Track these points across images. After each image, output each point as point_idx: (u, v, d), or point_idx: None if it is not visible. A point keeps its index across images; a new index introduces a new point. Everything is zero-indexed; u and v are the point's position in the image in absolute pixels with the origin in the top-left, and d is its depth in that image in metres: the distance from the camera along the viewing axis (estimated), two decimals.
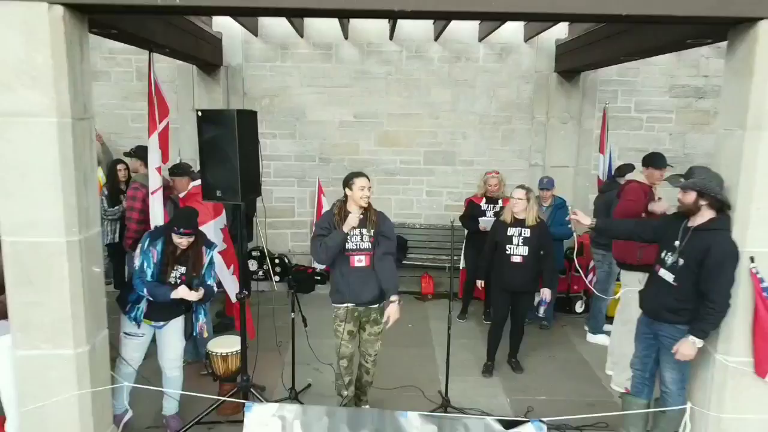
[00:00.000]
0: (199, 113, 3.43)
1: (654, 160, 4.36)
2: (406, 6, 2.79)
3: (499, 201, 5.57)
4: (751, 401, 3.08)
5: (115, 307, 3.64)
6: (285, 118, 6.86)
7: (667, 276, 3.18)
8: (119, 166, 5.50)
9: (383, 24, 6.52)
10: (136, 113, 6.57)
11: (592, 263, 5.47)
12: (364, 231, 3.62)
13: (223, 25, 6.48)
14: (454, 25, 6.29)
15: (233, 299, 4.50)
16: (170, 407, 3.85)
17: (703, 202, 3.02)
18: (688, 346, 3.06)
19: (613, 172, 5.69)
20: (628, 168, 5.02)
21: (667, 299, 3.18)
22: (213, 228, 4.46)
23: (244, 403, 3.25)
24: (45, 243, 2.86)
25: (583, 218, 3.68)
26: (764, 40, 2.83)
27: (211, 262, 3.73)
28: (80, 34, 2.91)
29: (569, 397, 4.32)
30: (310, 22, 6.66)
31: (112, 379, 3.40)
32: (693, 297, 3.07)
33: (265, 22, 6.67)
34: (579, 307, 6.14)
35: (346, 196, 3.66)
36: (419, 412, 2.97)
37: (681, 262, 3.10)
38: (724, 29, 3.13)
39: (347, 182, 3.63)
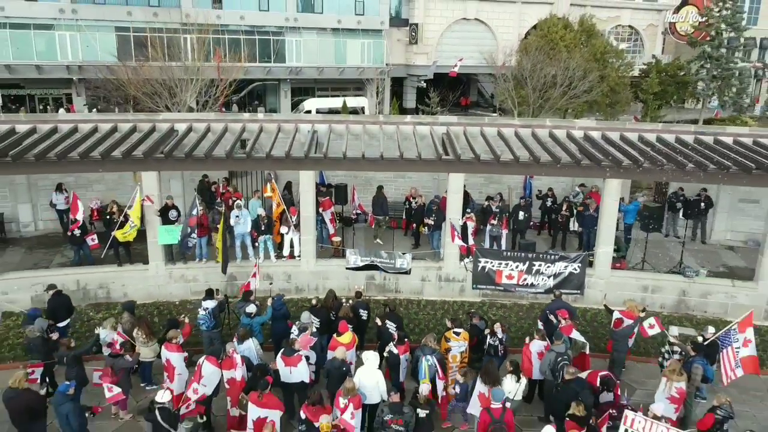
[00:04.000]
0: (332, 184, 15.59)
1: None
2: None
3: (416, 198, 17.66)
4: (453, 249, 15.25)
5: None
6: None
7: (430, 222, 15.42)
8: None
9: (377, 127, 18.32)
10: None
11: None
12: None
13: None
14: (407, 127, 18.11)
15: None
16: None
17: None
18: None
19: None
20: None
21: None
22: (331, 210, 16.64)
23: (345, 251, 15.54)
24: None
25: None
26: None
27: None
28: None
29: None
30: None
31: None
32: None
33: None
34: None
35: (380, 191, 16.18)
36: (386, 251, 15.22)
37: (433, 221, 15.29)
38: None
39: (381, 187, 16.15)
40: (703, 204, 17.47)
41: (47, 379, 10.49)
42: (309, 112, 37.19)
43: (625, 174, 14.47)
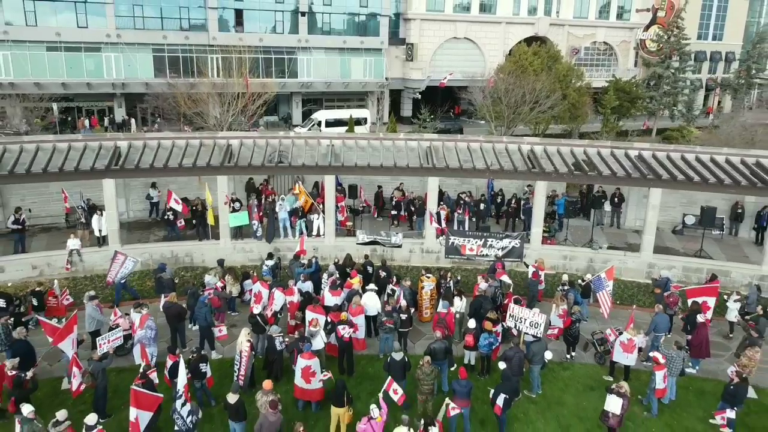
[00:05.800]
0: (347, 184, 22.57)
1: None
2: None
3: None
4: (431, 230, 22.21)
5: None
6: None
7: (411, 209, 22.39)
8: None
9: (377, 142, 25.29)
10: None
11: None
12: None
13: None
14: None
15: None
16: None
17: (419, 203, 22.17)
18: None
19: None
20: None
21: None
22: (342, 203, 23.65)
23: (355, 231, 22.56)
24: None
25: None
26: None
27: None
28: None
29: None
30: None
31: None
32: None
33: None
34: None
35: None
36: (384, 230, 22.20)
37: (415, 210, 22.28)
38: None
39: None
40: (616, 199, 24.42)
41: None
42: (320, 123, 44.24)
43: (546, 178, 21.44)
